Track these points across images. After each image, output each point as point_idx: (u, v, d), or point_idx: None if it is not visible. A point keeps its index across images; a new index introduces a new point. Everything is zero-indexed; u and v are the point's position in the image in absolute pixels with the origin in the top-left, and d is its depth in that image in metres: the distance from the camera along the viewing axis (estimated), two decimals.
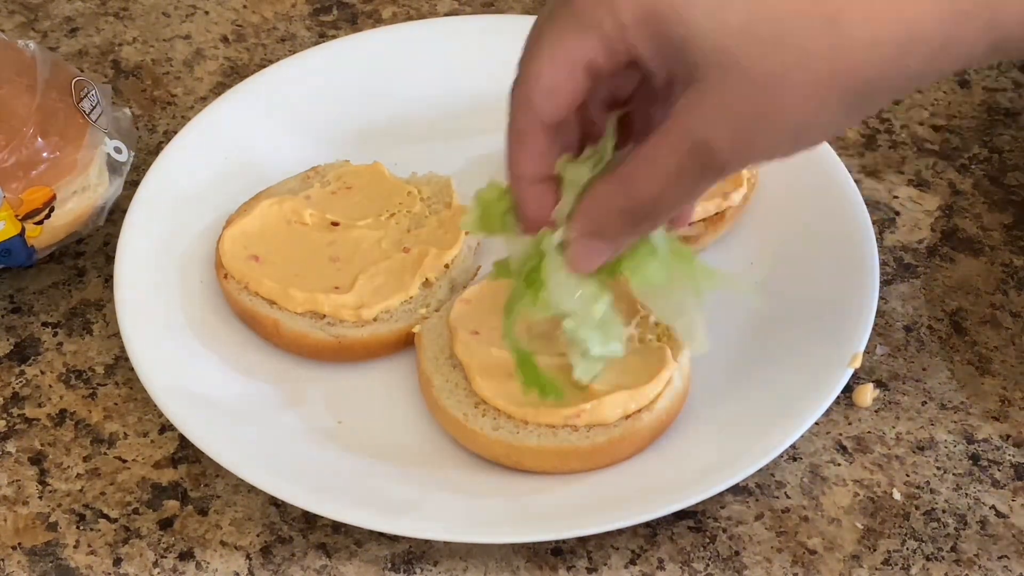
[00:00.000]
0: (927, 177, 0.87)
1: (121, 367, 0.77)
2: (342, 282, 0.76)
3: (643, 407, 0.69)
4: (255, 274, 0.76)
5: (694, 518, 0.70)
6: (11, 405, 0.76)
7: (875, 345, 0.78)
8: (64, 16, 0.99)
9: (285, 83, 0.88)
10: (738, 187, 0.80)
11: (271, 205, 0.80)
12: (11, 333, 0.79)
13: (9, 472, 0.73)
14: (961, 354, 0.78)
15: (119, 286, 0.76)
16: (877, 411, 0.75)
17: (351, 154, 0.84)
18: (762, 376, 0.74)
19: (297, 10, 1.00)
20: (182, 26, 0.99)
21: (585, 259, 0.62)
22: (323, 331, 0.74)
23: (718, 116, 0.54)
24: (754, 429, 0.70)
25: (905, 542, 0.69)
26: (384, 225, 0.80)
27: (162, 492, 0.72)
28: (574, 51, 0.56)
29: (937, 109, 0.92)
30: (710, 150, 0.55)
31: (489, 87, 0.89)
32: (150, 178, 0.82)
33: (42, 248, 0.78)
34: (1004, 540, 0.70)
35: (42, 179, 0.76)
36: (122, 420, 0.75)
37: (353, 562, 0.69)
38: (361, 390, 0.74)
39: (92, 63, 0.96)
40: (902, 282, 0.81)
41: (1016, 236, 0.84)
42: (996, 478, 0.72)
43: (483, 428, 0.69)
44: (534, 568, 0.68)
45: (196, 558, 0.69)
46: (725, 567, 0.68)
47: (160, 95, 0.94)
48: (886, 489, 0.72)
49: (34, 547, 0.70)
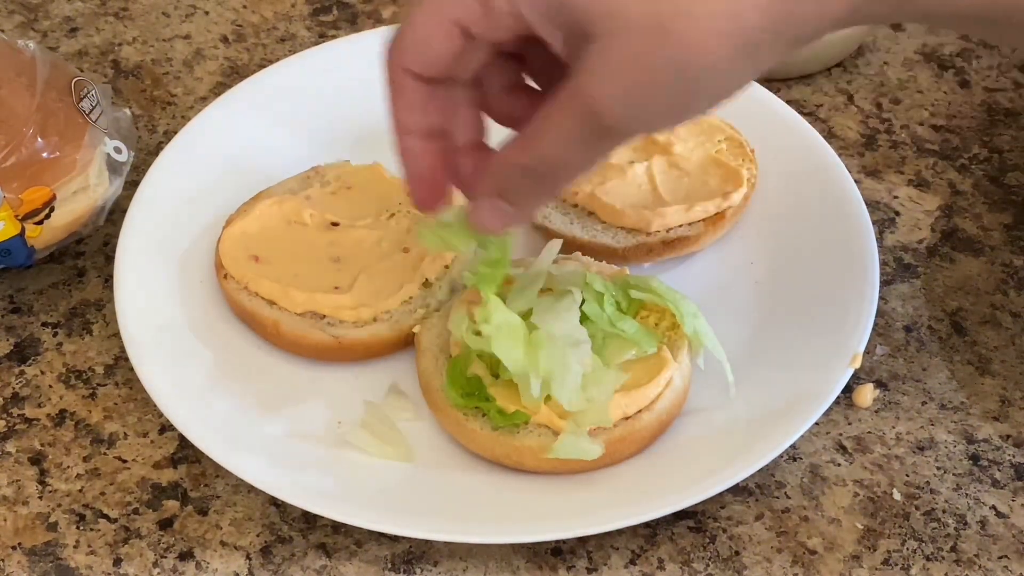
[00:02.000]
0: (927, 177, 0.87)
1: (121, 367, 0.77)
2: (342, 282, 0.76)
3: (643, 408, 0.69)
4: (255, 274, 0.76)
5: (694, 518, 0.70)
6: (11, 405, 0.76)
7: (875, 345, 0.78)
8: (64, 16, 0.99)
9: (285, 83, 0.88)
10: (738, 187, 0.80)
11: (271, 205, 0.80)
12: (11, 333, 0.79)
13: (9, 472, 0.73)
14: (961, 354, 0.78)
15: (119, 286, 0.76)
16: (877, 411, 0.75)
17: (351, 154, 0.84)
18: (762, 376, 0.74)
19: (297, 10, 1.00)
20: (182, 26, 0.99)
21: (489, 219, 0.62)
22: (323, 331, 0.74)
23: (608, 75, 0.53)
24: (754, 429, 0.70)
25: (905, 542, 0.69)
26: (384, 225, 0.80)
27: (162, 492, 0.72)
28: (449, 9, 0.56)
29: (937, 109, 0.92)
30: (602, 110, 0.54)
31: None
32: (150, 178, 0.82)
33: (42, 248, 0.78)
34: (1004, 540, 0.70)
35: (42, 179, 0.76)
36: (122, 420, 0.75)
37: (353, 562, 0.69)
38: (361, 390, 0.74)
39: (92, 63, 0.96)
40: (902, 282, 0.81)
41: (1016, 236, 0.84)
42: (996, 478, 0.72)
43: (483, 428, 0.69)
44: (534, 568, 0.68)
45: (196, 558, 0.69)
46: (725, 567, 0.68)
47: (160, 95, 0.94)
48: (886, 489, 0.72)
49: (34, 547, 0.70)
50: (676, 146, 0.82)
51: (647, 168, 0.81)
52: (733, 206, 0.80)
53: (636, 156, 0.82)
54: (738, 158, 0.82)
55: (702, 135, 0.83)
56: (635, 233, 0.78)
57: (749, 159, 0.82)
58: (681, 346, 0.72)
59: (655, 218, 0.78)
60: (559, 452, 0.67)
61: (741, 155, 0.82)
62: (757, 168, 0.82)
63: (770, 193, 0.82)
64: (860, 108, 0.92)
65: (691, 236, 0.78)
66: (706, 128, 0.83)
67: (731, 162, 0.81)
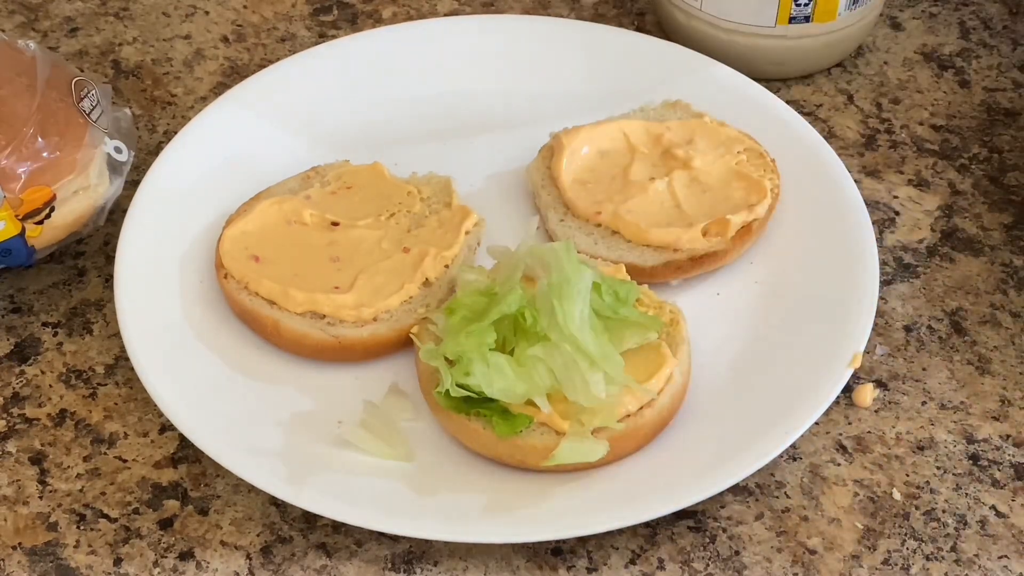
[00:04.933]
0: (927, 177, 0.87)
1: (121, 367, 0.77)
2: (342, 282, 0.76)
3: (645, 404, 0.69)
4: (255, 274, 0.76)
5: (694, 518, 0.70)
6: (11, 405, 0.76)
7: (875, 345, 0.78)
8: (64, 16, 0.99)
9: (285, 83, 0.88)
10: (762, 199, 0.79)
11: (271, 205, 0.80)
12: (11, 333, 0.79)
13: (9, 472, 0.73)
14: (961, 354, 0.78)
15: (119, 286, 0.76)
16: (877, 411, 0.75)
17: (351, 154, 0.84)
18: (762, 376, 0.74)
19: (297, 10, 1.00)
20: (182, 26, 0.99)
21: None
22: (323, 331, 0.74)
23: None
24: (754, 429, 0.70)
25: (905, 542, 0.70)
26: (384, 225, 0.80)
27: (162, 492, 0.72)
28: None
29: (937, 109, 0.92)
30: None
31: (489, 87, 0.90)
32: (150, 178, 0.82)
33: (42, 248, 0.78)
34: (1004, 540, 0.70)
35: (42, 179, 0.76)
36: (122, 420, 0.75)
37: (353, 562, 0.69)
38: (361, 390, 0.74)
39: (92, 63, 0.96)
40: (902, 282, 0.81)
41: (1016, 236, 0.84)
42: (996, 478, 0.72)
43: (485, 428, 0.69)
44: (534, 568, 0.68)
45: (196, 558, 0.69)
46: (725, 567, 0.68)
47: (160, 95, 0.94)
48: (886, 489, 0.72)
49: (34, 547, 0.70)
50: (695, 160, 0.81)
51: (668, 184, 0.81)
52: (759, 219, 0.79)
53: (656, 172, 0.81)
54: (759, 169, 0.81)
55: (721, 147, 0.82)
56: (661, 251, 0.78)
57: (770, 169, 0.82)
58: (679, 342, 0.72)
59: (682, 235, 0.77)
60: (559, 458, 0.67)
61: (762, 166, 0.82)
62: (779, 177, 0.81)
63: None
64: (860, 108, 0.92)
65: (719, 251, 0.78)
66: (724, 140, 0.83)
67: (753, 173, 0.81)
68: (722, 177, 0.81)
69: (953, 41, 0.97)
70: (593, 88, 0.89)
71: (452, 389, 0.68)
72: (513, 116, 0.88)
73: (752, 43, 0.90)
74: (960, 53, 0.96)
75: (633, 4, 0.99)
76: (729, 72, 0.88)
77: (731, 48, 0.90)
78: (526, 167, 0.84)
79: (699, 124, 0.84)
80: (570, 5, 1.00)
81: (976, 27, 0.98)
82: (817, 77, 0.94)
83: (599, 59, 0.90)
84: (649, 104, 0.86)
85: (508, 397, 0.68)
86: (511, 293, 0.69)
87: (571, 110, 0.86)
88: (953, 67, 0.95)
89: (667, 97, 0.86)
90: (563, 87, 0.89)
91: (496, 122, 0.88)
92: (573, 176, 0.82)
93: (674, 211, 0.79)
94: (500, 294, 0.70)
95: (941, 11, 0.99)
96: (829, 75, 0.94)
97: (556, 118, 0.85)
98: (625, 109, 0.86)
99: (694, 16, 0.91)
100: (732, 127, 0.83)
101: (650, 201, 0.80)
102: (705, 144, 0.83)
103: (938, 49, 0.96)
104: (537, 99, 0.89)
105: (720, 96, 0.86)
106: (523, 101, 0.89)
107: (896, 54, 0.96)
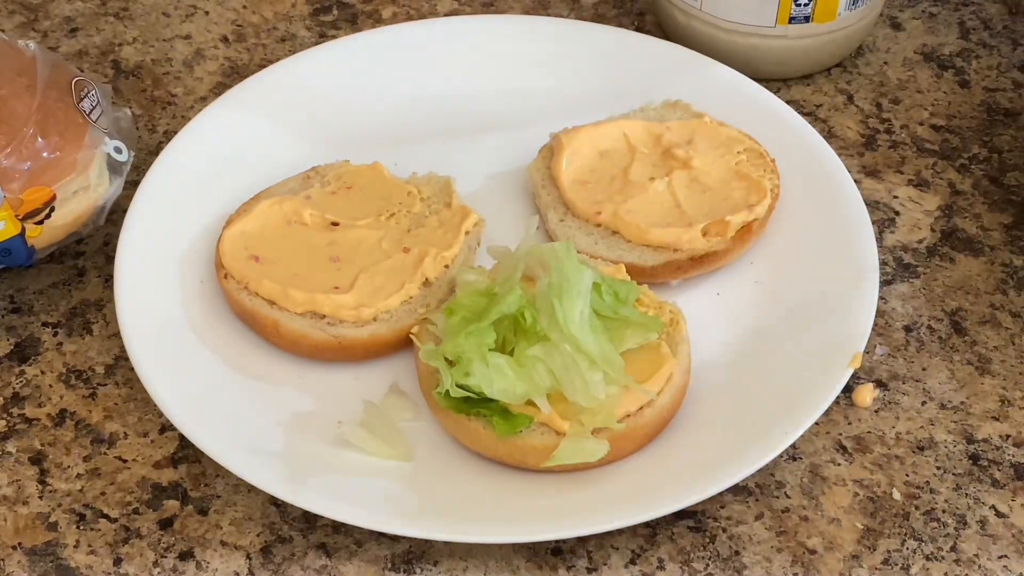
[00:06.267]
0: (927, 177, 0.87)
1: (121, 367, 0.77)
2: (342, 282, 0.76)
3: (644, 405, 0.69)
4: (255, 274, 0.76)
5: (694, 518, 0.70)
6: (11, 405, 0.76)
7: (875, 345, 0.78)
8: (64, 16, 0.99)
9: (285, 83, 0.88)
10: (762, 198, 0.79)
11: (271, 205, 0.80)
12: (11, 333, 0.79)
13: (9, 472, 0.73)
14: (961, 354, 0.78)
15: (119, 286, 0.76)
16: (877, 411, 0.75)
17: (351, 154, 0.84)
18: (762, 376, 0.74)
19: (297, 10, 1.00)
20: (182, 26, 0.99)
21: None
22: (323, 331, 0.74)
23: None
24: (754, 429, 0.70)
25: (905, 542, 0.70)
26: (384, 225, 0.80)
27: (162, 492, 0.72)
28: None
29: (937, 109, 0.92)
30: None
31: (489, 87, 0.90)
32: (150, 178, 0.82)
33: (42, 248, 0.78)
34: (1004, 540, 0.70)
35: (42, 179, 0.76)
36: (122, 420, 0.75)
37: (353, 562, 0.69)
38: (361, 390, 0.74)
39: (92, 63, 0.96)
40: (902, 282, 0.81)
41: (1016, 236, 0.84)
42: (996, 478, 0.72)
43: (485, 427, 0.69)
44: (534, 568, 0.68)
45: (196, 558, 0.69)
46: (725, 567, 0.68)
47: (160, 95, 0.94)
48: (886, 489, 0.72)
49: (34, 547, 0.70)
50: (695, 160, 0.81)
51: (668, 184, 0.81)
52: (759, 219, 0.79)
53: (656, 172, 0.81)
54: (759, 169, 0.81)
55: (721, 147, 0.82)
56: (662, 251, 0.78)
57: (770, 169, 0.81)
58: (679, 342, 0.72)
59: (683, 235, 0.77)
60: (559, 458, 0.67)
61: (762, 166, 0.82)
62: (779, 178, 0.81)
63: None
64: (860, 108, 0.92)
65: (719, 251, 0.78)
66: (725, 140, 0.83)
67: (753, 173, 0.81)
68: (722, 177, 0.81)
69: (953, 41, 0.97)
70: (593, 88, 0.89)
71: (452, 389, 0.68)
72: (513, 116, 0.88)
73: (752, 43, 0.90)
74: (960, 53, 0.96)
75: (633, 4, 0.99)
76: (729, 72, 0.88)
77: (731, 48, 0.90)
78: (526, 167, 0.84)
79: (699, 124, 0.84)
80: (570, 5, 1.00)
81: (976, 27, 0.98)
82: (817, 77, 0.94)
83: (599, 59, 0.90)
84: (649, 104, 0.86)
85: (508, 397, 0.68)
86: (511, 293, 0.69)
87: (571, 110, 0.86)
88: (953, 67, 0.95)
89: (667, 97, 0.86)
90: (563, 87, 0.89)
91: (496, 122, 0.88)
92: (573, 176, 0.82)
93: (674, 211, 0.79)
94: (500, 294, 0.70)
95: (941, 11, 0.99)
96: (829, 75, 0.94)
97: (556, 118, 0.85)
98: (625, 109, 0.86)
99: (694, 16, 0.91)
100: (732, 127, 0.83)
101: (650, 201, 0.80)
102: (705, 144, 0.83)
103: (938, 49, 0.96)
104: (537, 99, 0.89)
105: (720, 96, 0.86)
106: (523, 101, 0.89)
107: (896, 54, 0.96)
